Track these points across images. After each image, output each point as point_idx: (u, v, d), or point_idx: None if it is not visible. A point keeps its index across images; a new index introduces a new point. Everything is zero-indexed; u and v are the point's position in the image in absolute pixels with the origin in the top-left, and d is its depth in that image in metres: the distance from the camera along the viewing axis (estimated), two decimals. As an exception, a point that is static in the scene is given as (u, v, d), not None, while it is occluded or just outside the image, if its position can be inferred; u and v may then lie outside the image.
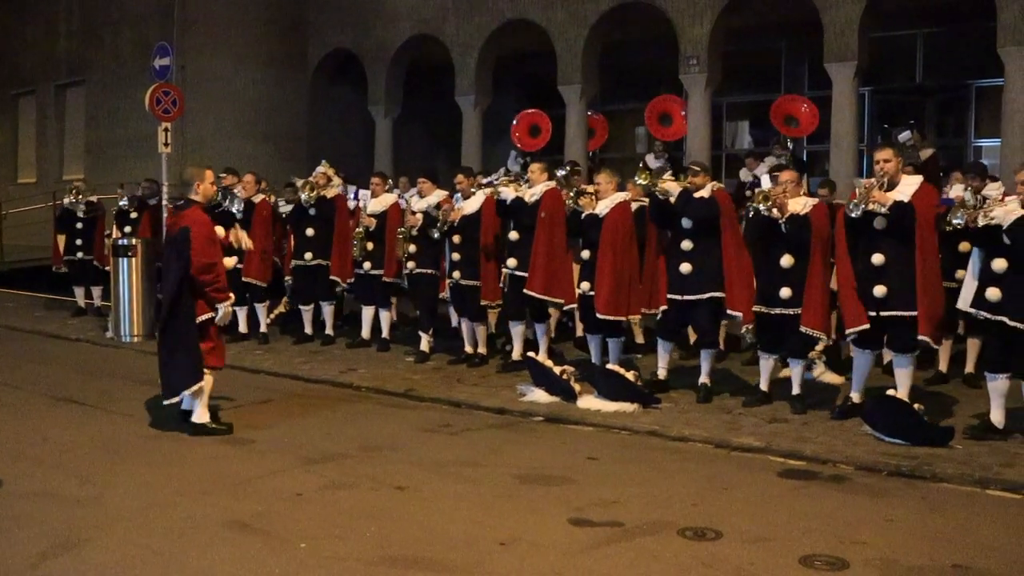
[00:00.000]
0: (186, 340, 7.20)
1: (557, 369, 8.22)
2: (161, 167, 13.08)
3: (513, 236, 9.18)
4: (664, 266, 8.21)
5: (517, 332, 9.49)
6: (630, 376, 7.92)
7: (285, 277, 11.35)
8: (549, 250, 8.93)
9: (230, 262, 7.70)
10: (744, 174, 14.13)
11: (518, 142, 16.09)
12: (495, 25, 17.27)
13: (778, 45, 17.42)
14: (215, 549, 4.82)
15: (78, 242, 13.16)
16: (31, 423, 7.56)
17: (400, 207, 10.36)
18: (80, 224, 13.13)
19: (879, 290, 7.04)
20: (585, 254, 8.64)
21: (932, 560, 4.73)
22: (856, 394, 7.44)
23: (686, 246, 8.04)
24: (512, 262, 9.15)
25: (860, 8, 13.63)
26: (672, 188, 8.05)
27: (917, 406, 6.77)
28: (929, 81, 16.51)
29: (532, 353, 8.79)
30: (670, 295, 8.13)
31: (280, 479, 6.06)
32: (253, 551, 4.80)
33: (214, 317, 7.21)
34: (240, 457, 6.62)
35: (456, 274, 9.53)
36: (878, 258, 7.06)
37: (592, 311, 8.53)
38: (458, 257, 9.55)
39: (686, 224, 8.04)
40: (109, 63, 19.63)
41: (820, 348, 8.58)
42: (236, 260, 8.51)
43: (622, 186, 8.91)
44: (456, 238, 9.54)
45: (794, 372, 7.82)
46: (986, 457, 6.36)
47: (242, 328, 11.33)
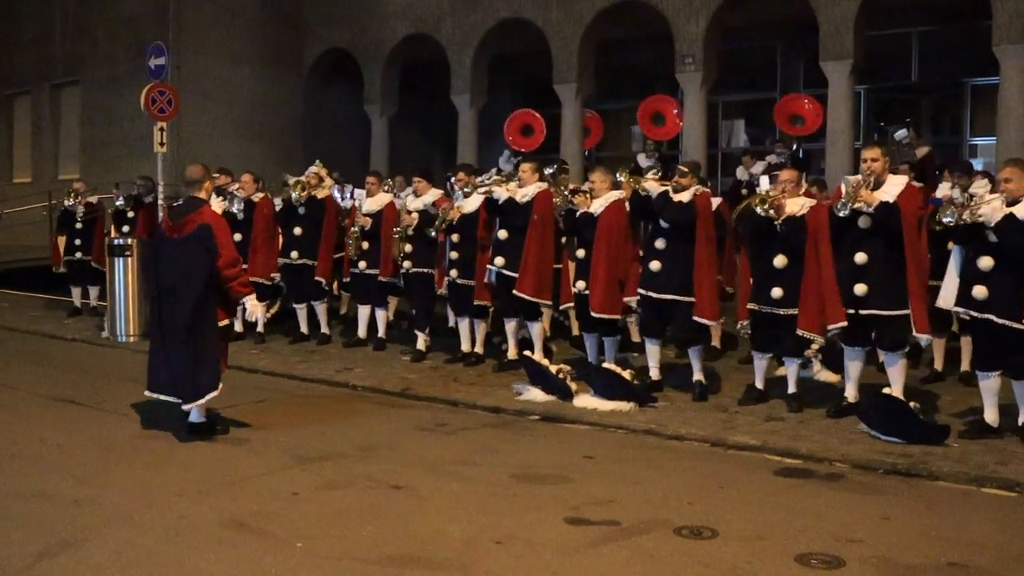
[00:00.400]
0: (214, 342, 7.12)
1: (553, 368, 8.22)
2: (157, 167, 13.07)
3: (502, 235, 9.14)
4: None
5: (510, 330, 9.49)
6: (626, 375, 7.92)
7: (272, 274, 11.30)
8: (540, 252, 8.95)
9: None
10: (740, 172, 14.14)
11: (511, 142, 16.09)
12: (490, 24, 17.27)
13: (774, 43, 17.43)
14: (211, 549, 4.81)
15: (77, 242, 13.16)
16: (27, 423, 7.56)
17: (396, 206, 10.35)
18: (79, 225, 13.12)
19: (860, 288, 7.07)
20: (580, 253, 8.65)
21: (928, 558, 4.74)
22: (850, 392, 7.45)
23: (659, 244, 8.11)
24: (500, 261, 9.11)
25: (856, 6, 13.65)
26: (653, 187, 8.09)
27: (913, 404, 6.78)
28: (925, 79, 16.53)
29: (528, 352, 8.79)
30: (641, 290, 8.19)
31: (276, 478, 6.06)
32: (249, 551, 4.80)
33: (232, 323, 7.11)
34: (236, 457, 6.61)
35: (454, 272, 9.52)
36: (861, 257, 7.09)
37: (587, 310, 8.53)
38: (456, 256, 9.53)
39: (663, 224, 8.09)
40: (104, 63, 19.59)
41: (816, 347, 8.60)
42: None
43: (617, 185, 8.91)
44: (455, 237, 9.53)
45: (790, 371, 7.83)
46: (982, 455, 6.37)
47: (238, 327, 11.31)
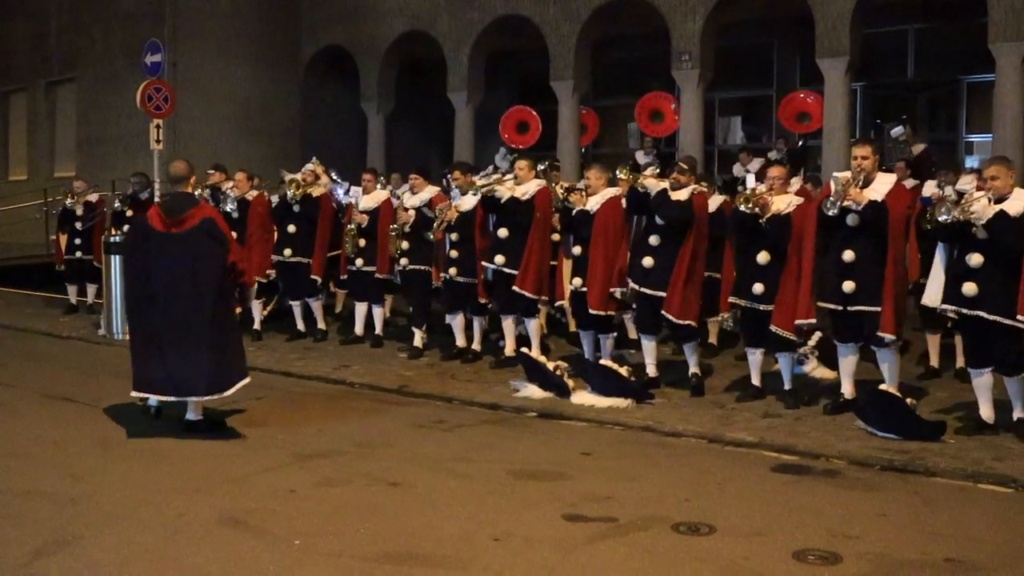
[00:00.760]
0: (238, 329, 7.23)
1: (550, 365, 8.22)
2: (153, 164, 13.04)
3: (502, 233, 9.11)
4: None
5: (508, 327, 9.49)
6: (623, 371, 7.93)
7: (267, 271, 11.29)
8: (542, 250, 8.96)
9: None
10: (738, 169, 14.18)
11: (507, 139, 16.09)
12: (487, 21, 17.26)
13: (770, 41, 17.44)
14: (209, 546, 4.81)
15: (77, 241, 13.15)
16: (23, 421, 7.54)
17: (392, 203, 10.34)
18: (78, 224, 13.12)
19: (847, 286, 7.09)
20: (576, 250, 8.64)
21: (925, 554, 4.75)
22: (847, 389, 7.47)
23: (653, 241, 8.09)
24: (500, 259, 9.08)
25: (852, 3, 13.66)
26: (652, 185, 8.08)
27: (909, 401, 6.80)
28: (921, 76, 16.55)
29: (525, 349, 8.79)
30: (633, 285, 8.19)
31: (274, 476, 6.06)
32: (247, 548, 4.79)
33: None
34: (233, 454, 6.61)
35: (453, 271, 9.51)
36: (848, 255, 7.10)
37: (584, 307, 8.54)
38: (456, 255, 9.51)
39: (658, 220, 8.09)
40: (100, 60, 19.55)
41: (813, 343, 8.61)
42: None
43: (613, 182, 8.91)
44: (454, 236, 9.52)
45: (782, 366, 7.82)
46: (978, 451, 6.38)
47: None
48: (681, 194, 8.05)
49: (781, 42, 17.33)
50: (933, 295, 6.95)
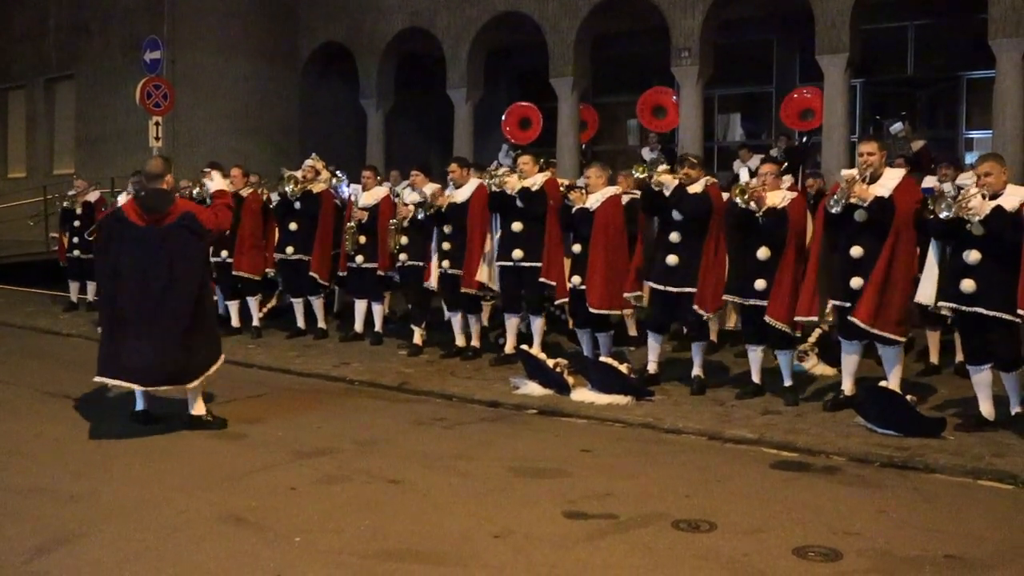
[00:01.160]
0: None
1: (550, 362, 8.22)
2: (152, 162, 13.02)
3: (516, 227, 9.06)
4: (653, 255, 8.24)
5: (511, 325, 9.49)
6: (623, 368, 7.93)
7: (267, 270, 11.29)
8: (557, 240, 8.92)
9: None
10: (738, 166, 14.15)
11: (509, 135, 16.08)
12: (486, 17, 17.24)
13: (770, 37, 17.43)
14: (209, 543, 4.82)
15: (75, 240, 13.16)
16: (24, 419, 7.55)
17: (392, 200, 10.34)
18: (78, 223, 13.12)
19: (856, 282, 7.07)
20: (576, 248, 8.64)
21: (925, 550, 4.75)
22: (847, 386, 7.47)
23: (674, 238, 8.05)
24: (518, 253, 9.02)
25: (851, 0, 13.64)
26: (668, 181, 8.05)
27: (909, 397, 6.80)
28: (921, 73, 16.54)
29: (525, 346, 8.79)
30: (655, 285, 8.15)
31: (274, 473, 6.06)
32: (247, 545, 4.80)
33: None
34: (234, 451, 6.61)
35: (446, 263, 9.50)
36: (856, 251, 7.09)
37: (582, 305, 8.53)
38: (448, 247, 9.52)
39: (677, 217, 8.05)
40: (99, 57, 19.53)
41: (812, 340, 8.61)
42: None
43: (613, 180, 8.91)
44: (446, 228, 9.52)
45: (782, 363, 7.82)
46: (978, 448, 6.38)
47: (234, 322, 11.32)
48: (696, 187, 8.04)
49: (781, 39, 17.32)
50: (928, 293, 6.94)
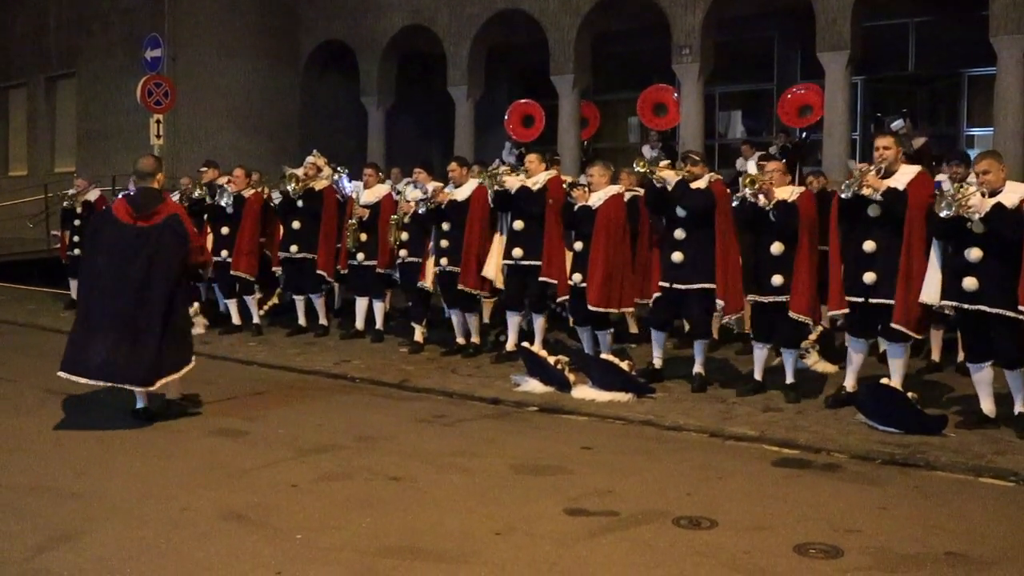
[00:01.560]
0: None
1: (551, 359, 8.22)
2: (153, 159, 13.02)
3: (517, 226, 9.09)
4: (657, 255, 8.22)
5: (513, 323, 9.48)
6: (624, 365, 7.93)
7: (274, 268, 11.31)
8: (557, 237, 8.91)
9: None
10: (740, 163, 14.14)
11: (512, 133, 16.08)
12: (487, 15, 17.24)
13: (770, 34, 17.41)
14: (211, 541, 4.82)
15: (76, 238, 13.16)
16: (25, 416, 7.55)
17: (393, 198, 10.33)
18: (78, 221, 13.13)
19: (868, 277, 7.06)
20: (578, 246, 8.64)
21: (925, 548, 4.75)
22: (849, 383, 7.46)
23: (679, 235, 8.04)
24: (518, 252, 9.07)
25: (852, -3, 13.64)
26: (670, 176, 8.04)
27: (911, 394, 6.79)
28: (922, 70, 16.52)
29: (526, 343, 8.79)
30: (661, 283, 8.14)
31: (275, 470, 6.07)
32: (249, 542, 4.80)
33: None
34: (235, 449, 6.62)
35: (444, 261, 9.51)
36: (869, 245, 7.07)
37: (582, 303, 8.53)
38: (446, 244, 9.52)
39: (680, 213, 8.04)
40: (100, 55, 19.54)
41: (813, 337, 8.61)
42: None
43: (615, 179, 8.91)
44: (445, 225, 9.52)
45: (787, 361, 7.84)
46: (979, 445, 6.39)
47: (235, 320, 11.33)
48: (700, 183, 8.03)
49: (781, 36, 17.30)
50: (931, 292, 6.93)
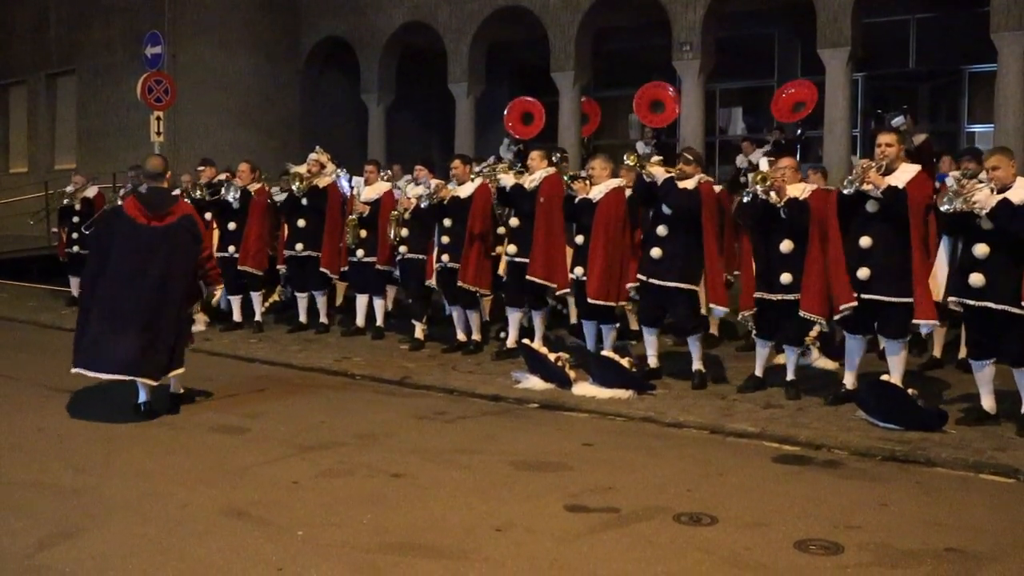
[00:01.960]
0: (188, 324, 7.68)
1: (552, 356, 8.22)
2: (153, 156, 13.03)
3: (514, 222, 9.13)
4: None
5: (514, 319, 9.49)
6: (625, 362, 7.93)
7: (278, 266, 11.33)
8: (548, 235, 8.92)
9: None
10: (740, 160, 14.14)
11: (511, 130, 16.07)
12: (488, 11, 17.24)
13: (771, 31, 17.41)
14: (212, 537, 4.83)
15: (75, 236, 13.17)
16: (26, 413, 7.55)
17: (394, 195, 10.33)
18: (76, 219, 13.13)
19: (863, 272, 7.06)
20: (579, 239, 8.64)
21: (926, 544, 4.76)
22: (849, 380, 7.47)
23: (661, 231, 8.07)
24: (512, 248, 9.10)
25: (853, -7, 13.64)
26: (658, 173, 8.06)
27: (911, 391, 6.79)
28: (922, 66, 16.52)
29: (527, 340, 8.79)
30: (640, 275, 8.18)
31: (276, 467, 6.07)
32: (250, 539, 4.81)
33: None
34: (236, 446, 6.63)
35: (445, 257, 9.51)
36: (866, 241, 7.07)
37: (584, 296, 8.53)
38: (448, 240, 9.52)
39: (666, 211, 8.07)
40: (100, 52, 19.54)
41: (814, 334, 8.61)
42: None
43: (616, 172, 8.90)
44: (447, 221, 9.52)
45: (789, 359, 7.84)
46: (979, 441, 6.39)
47: (236, 317, 11.33)
48: (688, 183, 8.03)
49: (782, 32, 17.30)
50: (937, 288, 6.93)
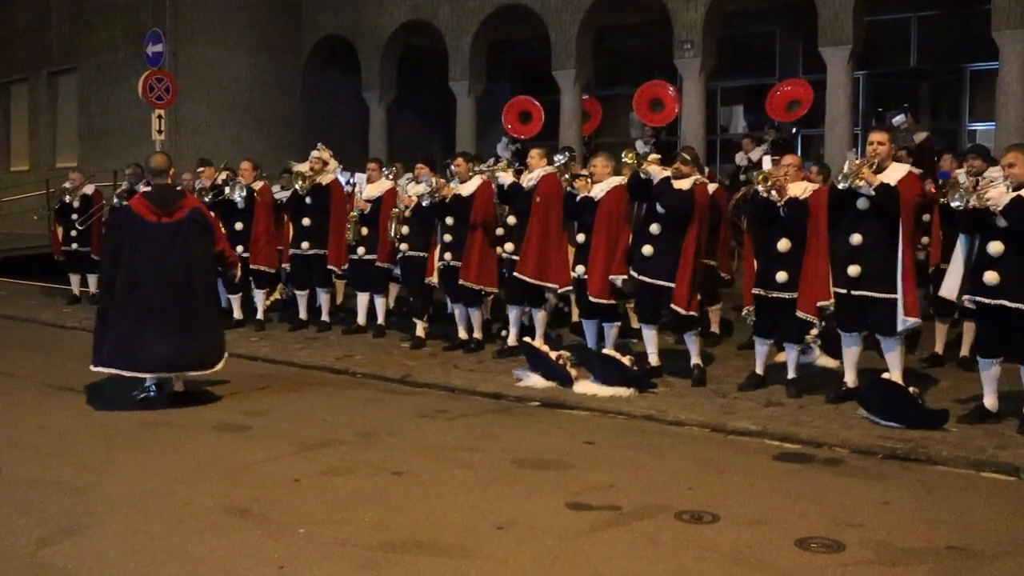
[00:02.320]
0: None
1: (553, 354, 8.22)
2: (154, 154, 13.03)
3: (511, 221, 9.17)
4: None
5: (514, 317, 9.49)
6: (626, 361, 7.93)
7: (282, 264, 11.33)
8: (543, 235, 8.91)
9: None
10: (740, 158, 14.12)
11: (510, 129, 16.07)
12: (489, 10, 17.22)
13: (772, 29, 17.38)
14: (214, 535, 4.83)
15: (73, 233, 13.17)
16: (28, 411, 7.56)
17: (396, 193, 10.33)
18: (75, 216, 13.12)
19: (853, 269, 7.08)
20: (580, 237, 8.64)
21: (927, 542, 4.76)
22: (850, 378, 7.47)
23: (654, 229, 8.08)
24: (510, 246, 9.15)
25: (854, -9, 13.62)
26: (655, 172, 8.06)
27: (912, 389, 6.79)
28: (924, 65, 16.49)
29: (528, 338, 8.79)
30: (632, 273, 8.20)
31: (278, 465, 6.08)
32: (252, 537, 4.81)
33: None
34: (237, 443, 6.63)
35: (448, 255, 9.51)
36: (856, 238, 7.09)
37: (585, 294, 8.53)
38: (450, 239, 9.52)
39: (659, 209, 8.08)
40: (102, 50, 19.52)
41: (815, 332, 8.61)
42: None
43: (618, 170, 8.90)
44: (449, 219, 9.52)
45: (790, 356, 7.84)
46: (981, 440, 6.39)
47: (236, 315, 11.33)
48: (683, 183, 8.04)
49: (783, 30, 17.27)
50: (951, 287, 6.92)
